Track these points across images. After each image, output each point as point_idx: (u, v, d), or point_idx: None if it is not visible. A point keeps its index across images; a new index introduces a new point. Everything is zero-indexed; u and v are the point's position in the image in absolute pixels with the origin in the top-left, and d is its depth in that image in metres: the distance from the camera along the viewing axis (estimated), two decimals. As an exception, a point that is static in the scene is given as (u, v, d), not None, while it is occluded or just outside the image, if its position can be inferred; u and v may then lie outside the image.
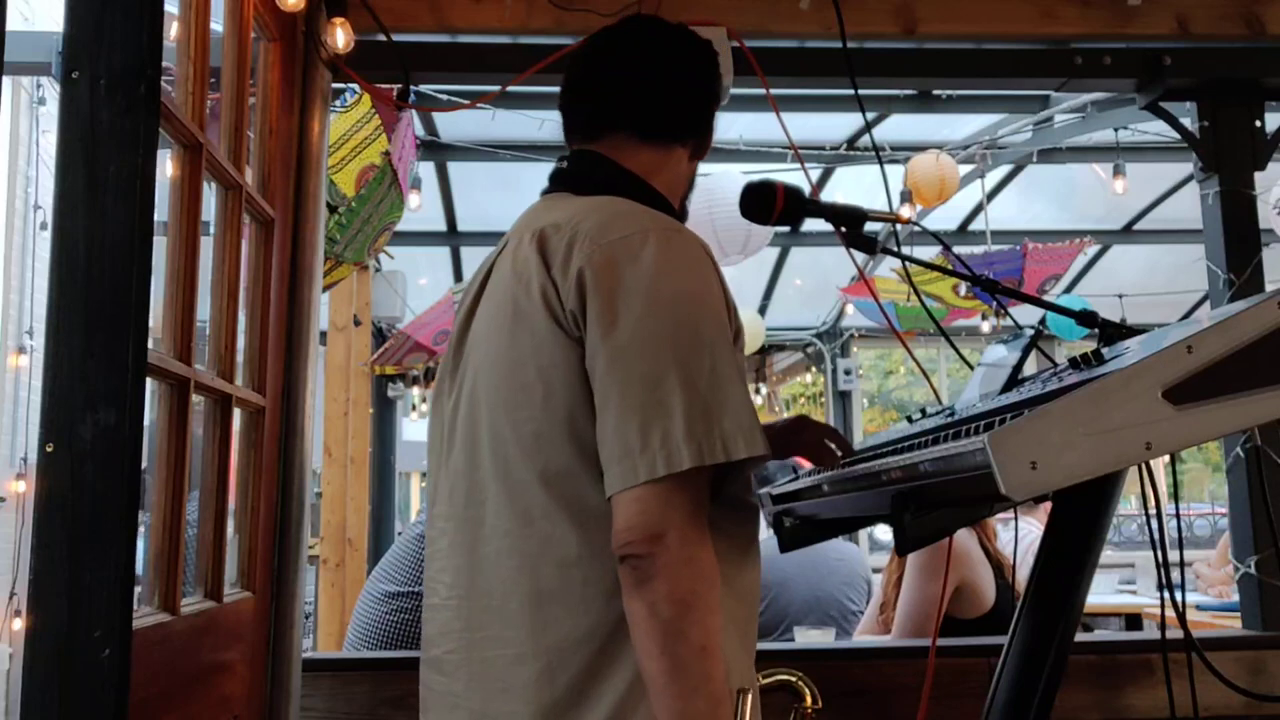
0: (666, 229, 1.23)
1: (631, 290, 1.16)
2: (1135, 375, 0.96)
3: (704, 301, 1.18)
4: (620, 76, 1.41)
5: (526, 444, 1.20)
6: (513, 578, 1.20)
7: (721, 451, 1.11)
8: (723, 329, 1.18)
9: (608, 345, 1.15)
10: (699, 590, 1.09)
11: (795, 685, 1.67)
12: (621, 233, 1.20)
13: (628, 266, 1.17)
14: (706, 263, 1.23)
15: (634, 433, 1.11)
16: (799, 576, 3.07)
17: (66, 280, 1.12)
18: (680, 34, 1.47)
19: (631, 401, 1.12)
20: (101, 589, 1.08)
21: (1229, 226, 2.45)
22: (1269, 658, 2.23)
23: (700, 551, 1.10)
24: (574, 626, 1.16)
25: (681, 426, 1.10)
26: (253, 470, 1.86)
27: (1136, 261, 7.28)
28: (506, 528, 1.21)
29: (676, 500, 1.10)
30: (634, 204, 1.28)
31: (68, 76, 1.14)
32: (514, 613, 1.19)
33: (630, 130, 1.38)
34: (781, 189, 1.51)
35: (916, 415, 1.60)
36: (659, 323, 1.14)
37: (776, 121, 2.36)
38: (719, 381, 1.13)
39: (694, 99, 1.44)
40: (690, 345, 1.14)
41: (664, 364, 1.12)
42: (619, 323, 1.15)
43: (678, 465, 1.09)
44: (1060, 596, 1.41)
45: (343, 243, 2.86)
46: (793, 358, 9.80)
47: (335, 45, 2.12)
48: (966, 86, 3.99)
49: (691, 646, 1.07)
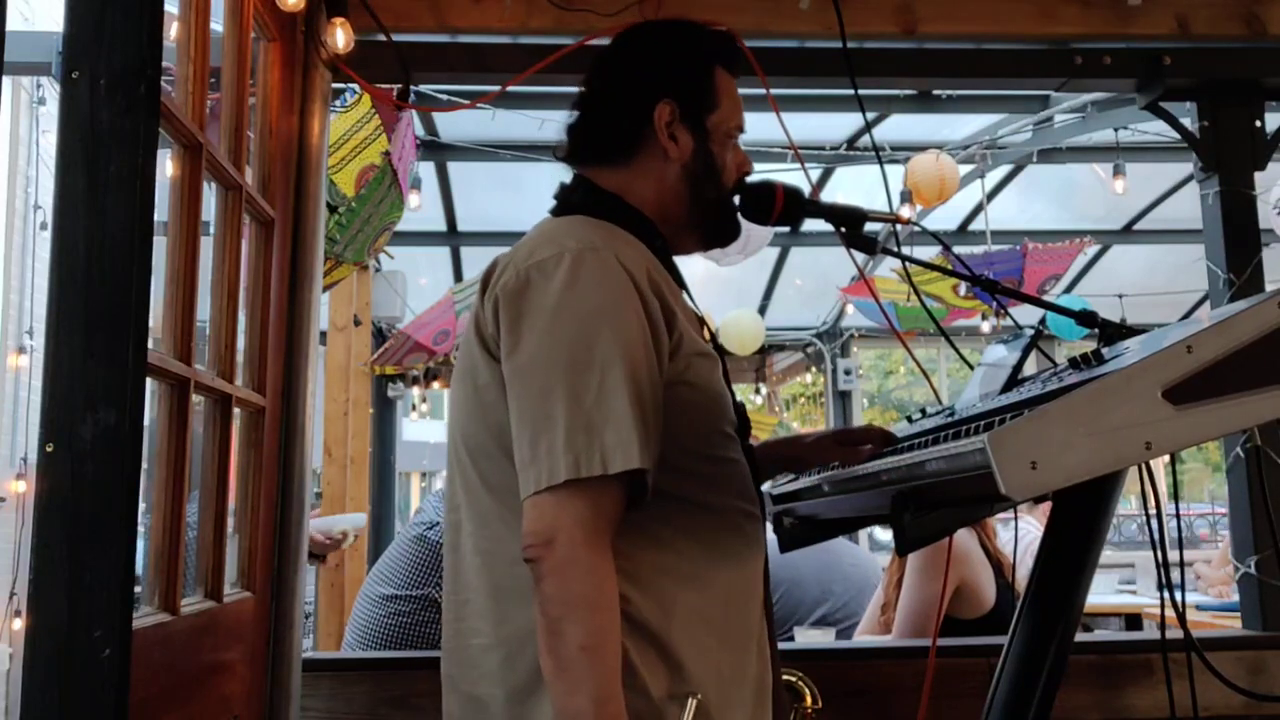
0: (586, 249, 1.26)
1: (534, 311, 1.23)
2: (1135, 375, 0.96)
3: (604, 319, 1.22)
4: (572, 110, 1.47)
5: (475, 455, 1.32)
6: (478, 574, 1.31)
7: (599, 464, 1.16)
8: (623, 346, 1.21)
9: (510, 364, 1.24)
10: (583, 592, 1.14)
11: (795, 685, 1.67)
12: (540, 256, 1.26)
13: (537, 289, 1.24)
14: (620, 281, 1.25)
15: (526, 445, 1.19)
16: (812, 578, 3.08)
17: (66, 280, 1.12)
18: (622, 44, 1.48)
19: (525, 416, 1.21)
20: (101, 589, 1.08)
21: (1229, 226, 2.45)
22: (1269, 658, 2.23)
23: (589, 554, 1.15)
24: (525, 619, 1.22)
25: (562, 440, 1.17)
26: (253, 470, 1.86)
27: (1136, 261, 7.27)
28: (471, 529, 1.32)
29: (568, 506, 1.16)
30: (574, 224, 1.33)
31: (68, 76, 1.14)
32: (481, 606, 1.30)
33: (580, 162, 1.45)
34: (781, 189, 1.51)
35: (916, 415, 1.60)
36: (553, 340, 1.21)
37: (776, 121, 2.36)
38: (605, 397, 1.18)
39: (611, 119, 1.42)
40: (581, 362, 1.19)
41: (554, 379, 1.19)
42: (520, 343, 1.23)
43: (555, 477, 1.16)
44: (1060, 596, 1.41)
45: (343, 243, 2.86)
46: (793, 358, 9.79)
47: (335, 45, 2.12)
48: (966, 86, 3.98)
49: (570, 645, 1.13)
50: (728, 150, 1.44)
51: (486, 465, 1.30)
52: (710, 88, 1.44)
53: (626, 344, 1.21)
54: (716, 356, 1.38)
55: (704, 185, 1.43)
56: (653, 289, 1.27)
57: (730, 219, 1.48)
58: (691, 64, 1.44)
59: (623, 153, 1.41)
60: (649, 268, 1.29)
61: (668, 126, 1.39)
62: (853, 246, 1.52)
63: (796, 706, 1.67)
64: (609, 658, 1.14)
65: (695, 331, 1.35)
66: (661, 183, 1.41)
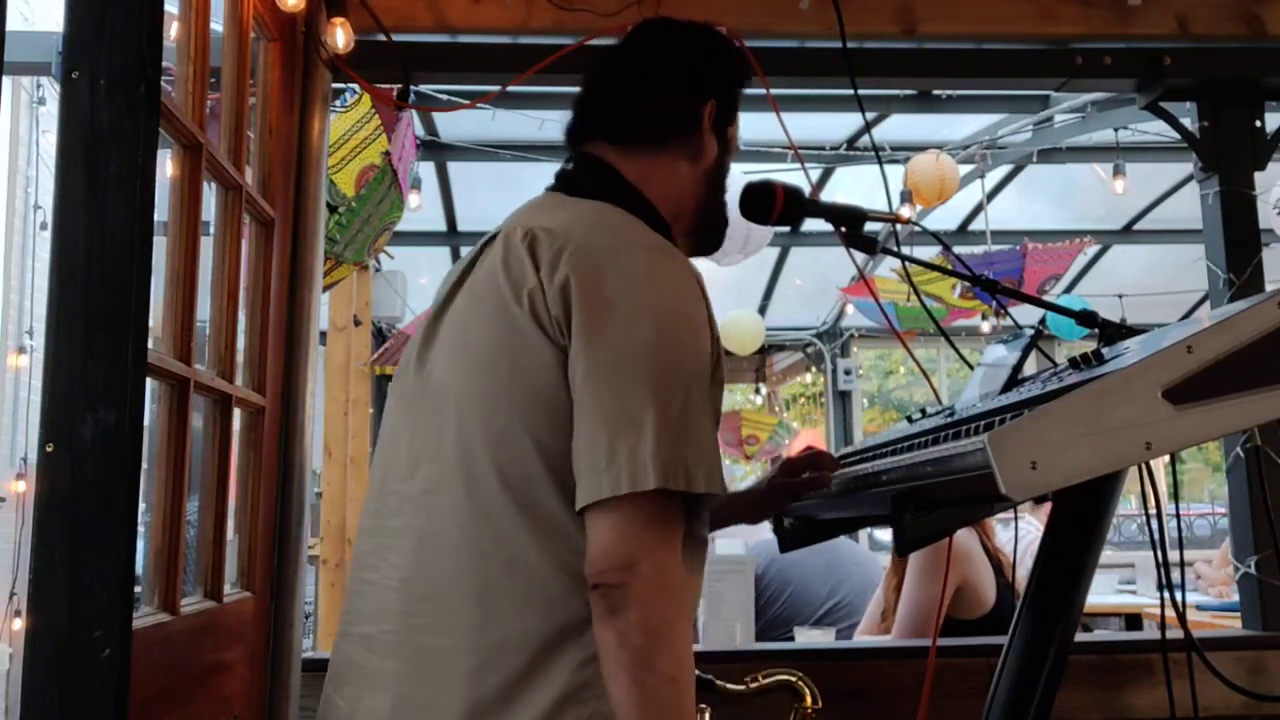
0: (658, 248, 1.23)
1: (618, 305, 1.16)
2: (1135, 375, 0.96)
3: (688, 331, 1.18)
4: (596, 84, 1.43)
5: (491, 440, 1.19)
6: (460, 571, 1.19)
7: (684, 479, 1.10)
8: (702, 363, 1.18)
9: (588, 356, 1.14)
10: (670, 619, 1.09)
11: (795, 685, 1.67)
12: (613, 246, 1.21)
13: (616, 281, 1.17)
14: (696, 292, 1.22)
15: (603, 446, 1.11)
16: (819, 577, 3.09)
17: (66, 280, 1.12)
18: (674, 33, 1.45)
19: (603, 415, 1.12)
20: (101, 589, 1.08)
21: (1229, 226, 2.45)
22: (1269, 658, 2.23)
23: (674, 579, 1.11)
24: (512, 629, 1.16)
25: (650, 445, 1.09)
26: (253, 470, 1.86)
27: (1136, 261, 7.28)
28: (461, 520, 1.20)
29: (652, 529, 1.10)
30: (625, 215, 1.28)
31: (68, 76, 1.14)
32: (457, 606, 1.18)
33: (603, 138, 1.39)
34: (781, 189, 1.51)
35: (916, 415, 1.60)
36: (640, 341, 1.14)
37: (776, 121, 2.36)
38: (690, 413, 1.13)
39: (661, 101, 1.39)
40: (668, 371, 1.14)
41: (640, 383, 1.12)
42: (601, 335, 1.15)
43: (643, 483, 1.08)
44: (1060, 596, 1.41)
45: (343, 243, 2.86)
46: (793, 358, 9.80)
47: (335, 45, 2.12)
48: (966, 86, 3.98)
49: (661, 676, 1.08)
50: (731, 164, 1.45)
51: (507, 456, 1.18)
52: (737, 103, 1.45)
53: (702, 361, 1.18)
54: None
55: (714, 193, 1.42)
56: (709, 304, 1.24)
57: (722, 232, 1.47)
58: (735, 74, 1.45)
59: (658, 139, 1.38)
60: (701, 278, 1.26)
61: (710, 127, 1.39)
62: (853, 246, 1.53)
63: (796, 706, 1.67)
64: (691, 687, 1.11)
65: None
66: (681, 181, 1.39)
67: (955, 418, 1.32)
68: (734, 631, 2.41)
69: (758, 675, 1.66)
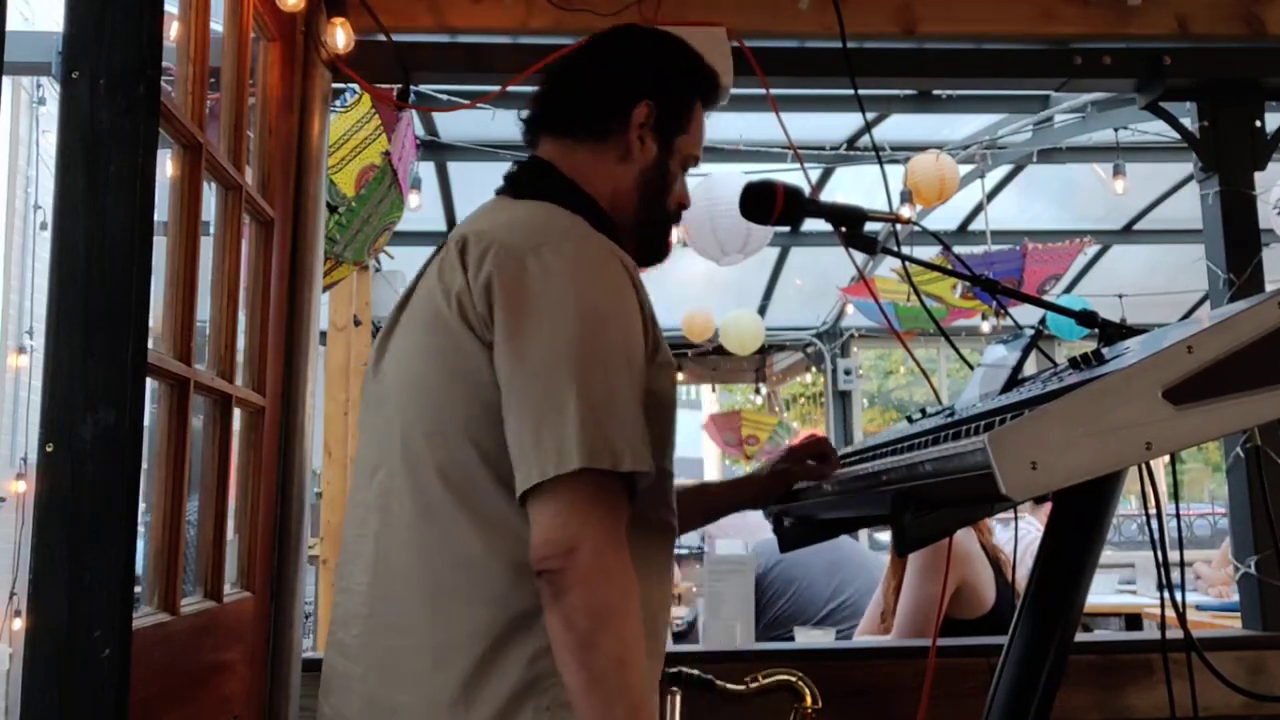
0: (583, 238, 1.25)
1: (538, 296, 1.18)
2: (1135, 375, 0.96)
3: (612, 317, 1.20)
4: (547, 82, 1.46)
5: (431, 441, 1.23)
6: (413, 570, 1.22)
7: (610, 458, 1.12)
8: (629, 348, 1.19)
9: (510, 348, 1.17)
10: (613, 602, 1.11)
11: (795, 685, 1.67)
12: (536, 240, 1.22)
13: (537, 273, 1.19)
14: (620, 275, 1.23)
15: (529, 433, 1.13)
16: (823, 577, 3.10)
17: (66, 280, 1.12)
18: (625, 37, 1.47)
19: (528, 404, 1.15)
20: (101, 589, 1.08)
21: (1229, 226, 2.45)
22: (1269, 658, 2.23)
23: (615, 562, 1.12)
24: (463, 625, 1.18)
25: (574, 427, 1.11)
26: (253, 470, 1.86)
27: (1136, 261, 7.27)
28: (409, 521, 1.23)
29: (592, 513, 1.11)
30: (557, 211, 1.30)
31: (68, 76, 1.14)
32: (413, 605, 1.21)
33: (544, 131, 1.43)
34: (781, 189, 1.51)
35: (916, 415, 1.60)
36: (560, 329, 1.16)
37: (776, 121, 2.36)
38: (615, 395, 1.15)
39: (592, 97, 1.41)
40: (590, 356, 1.16)
41: (562, 369, 1.14)
42: (522, 327, 1.17)
43: (568, 464, 1.10)
44: (1060, 596, 1.41)
45: (343, 243, 2.86)
46: (793, 358, 9.79)
47: (335, 45, 2.12)
48: (966, 86, 3.98)
49: (608, 658, 1.09)
50: (680, 176, 1.45)
51: (446, 455, 1.22)
52: (688, 112, 1.44)
53: (628, 343, 1.20)
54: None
55: (653, 198, 1.42)
56: (640, 287, 1.26)
57: (664, 242, 1.47)
58: (681, 82, 1.45)
59: (590, 133, 1.40)
60: (633, 264, 1.28)
61: (640, 127, 1.39)
62: (853, 246, 1.52)
63: (796, 706, 1.67)
64: (642, 667, 1.12)
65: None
66: (616, 180, 1.40)
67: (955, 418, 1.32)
68: (734, 631, 2.41)
69: (758, 675, 1.67)
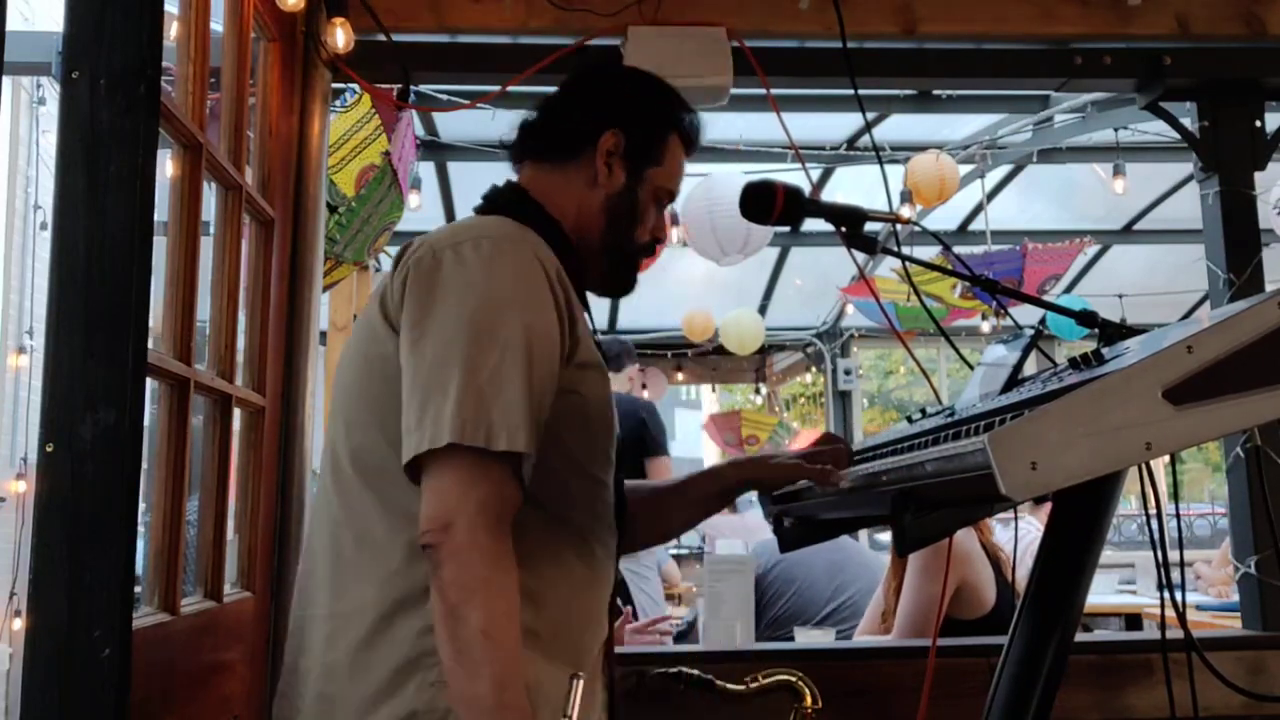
0: (505, 238, 1.28)
1: (445, 288, 1.23)
2: (1135, 375, 0.96)
3: (513, 305, 1.23)
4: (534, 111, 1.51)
5: (350, 427, 1.31)
6: (324, 544, 1.31)
7: (484, 437, 1.15)
8: (528, 335, 1.21)
9: (410, 334, 1.23)
10: (484, 576, 1.14)
11: (795, 685, 1.67)
12: (458, 238, 1.27)
13: (451, 268, 1.24)
14: (535, 273, 1.26)
15: (414, 410, 1.18)
16: (824, 577, 3.10)
17: (66, 280, 1.12)
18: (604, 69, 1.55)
19: (418, 383, 1.19)
20: (101, 589, 1.08)
21: (1229, 226, 2.45)
22: (1269, 658, 2.23)
23: (488, 539, 1.15)
24: (356, 597, 1.24)
25: (452, 406, 1.15)
26: (253, 470, 1.86)
27: (1136, 261, 7.27)
28: (330, 501, 1.31)
29: (470, 491, 1.15)
30: (505, 220, 1.35)
31: (68, 76, 1.14)
32: (322, 577, 1.29)
33: (522, 156, 1.49)
34: (781, 189, 1.51)
35: (916, 415, 1.60)
36: (458, 317, 1.21)
37: (776, 121, 2.36)
38: (503, 379, 1.18)
39: (561, 122, 1.47)
40: (484, 340, 1.19)
41: (453, 353, 1.19)
42: (425, 318, 1.22)
43: (438, 440, 1.14)
44: (1060, 596, 1.41)
45: (343, 243, 2.85)
46: (793, 358, 9.79)
47: (335, 45, 2.12)
48: (966, 86, 3.98)
49: (471, 630, 1.12)
50: (651, 207, 1.47)
51: (360, 438, 1.29)
52: (660, 145, 1.47)
53: (530, 332, 1.22)
54: (609, 377, 1.39)
55: (620, 226, 1.45)
56: (562, 287, 1.29)
57: (629, 273, 1.50)
58: (655, 115, 1.47)
59: (560, 158, 1.45)
60: (559, 269, 1.31)
61: (608, 154, 1.43)
62: (853, 246, 1.52)
63: (796, 706, 1.67)
64: (510, 642, 1.14)
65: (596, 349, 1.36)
66: (582, 205, 1.43)
67: (955, 418, 1.32)
68: (734, 631, 2.41)
69: (758, 675, 1.67)
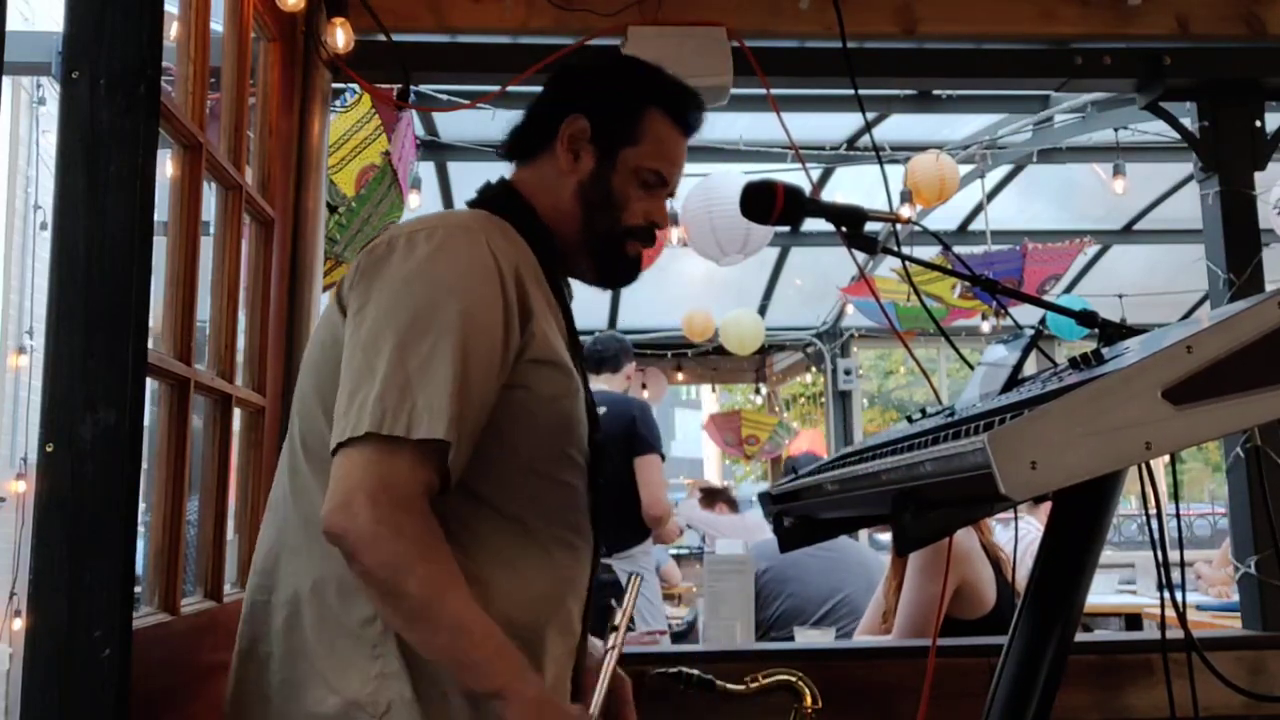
0: (460, 228, 1.27)
1: (390, 273, 1.22)
2: (1135, 375, 0.96)
3: (456, 293, 1.20)
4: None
5: (300, 411, 1.31)
6: (272, 528, 1.31)
7: (404, 426, 1.12)
8: (467, 323, 1.18)
9: (352, 321, 1.22)
10: (405, 553, 1.11)
11: (795, 685, 1.67)
12: (414, 228, 1.26)
13: (399, 255, 1.23)
14: (481, 266, 1.23)
15: (345, 397, 1.16)
16: (819, 577, 3.10)
17: (66, 280, 1.12)
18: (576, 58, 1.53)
19: (351, 369, 1.18)
20: (101, 589, 1.08)
21: (1229, 226, 2.45)
22: (1269, 658, 2.23)
23: (393, 513, 1.11)
24: (300, 580, 1.23)
25: (376, 393, 1.13)
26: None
27: (1136, 261, 7.27)
28: (282, 482, 1.32)
29: (372, 470, 1.12)
30: (475, 212, 1.35)
31: (68, 76, 1.14)
32: (267, 557, 1.29)
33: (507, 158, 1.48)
34: (781, 189, 1.51)
35: (916, 415, 1.60)
36: (398, 302, 1.19)
37: (776, 121, 2.36)
38: (433, 366, 1.15)
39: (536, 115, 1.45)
40: (419, 327, 1.17)
41: (387, 338, 1.17)
42: (368, 302, 1.21)
43: (358, 430, 1.12)
44: (1060, 596, 1.40)
45: (343, 243, 2.86)
46: (793, 358, 9.79)
47: (335, 45, 2.12)
48: (966, 86, 3.98)
49: (413, 600, 1.12)
50: (634, 190, 1.41)
51: (308, 423, 1.28)
52: (634, 123, 1.41)
53: (470, 322, 1.18)
54: (576, 376, 1.32)
55: (597, 213, 1.40)
56: (516, 282, 1.25)
57: (620, 261, 1.44)
58: (622, 93, 1.43)
59: (529, 151, 1.44)
60: (519, 263, 1.27)
61: (570, 139, 1.39)
62: (853, 246, 1.52)
63: (796, 707, 1.67)
64: (455, 592, 1.13)
65: (563, 345, 1.31)
66: (556, 194, 1.41)
67: (955, 418, 1.32)
68: (734, 631, 2.41)
69: (758, 675, 1.66)
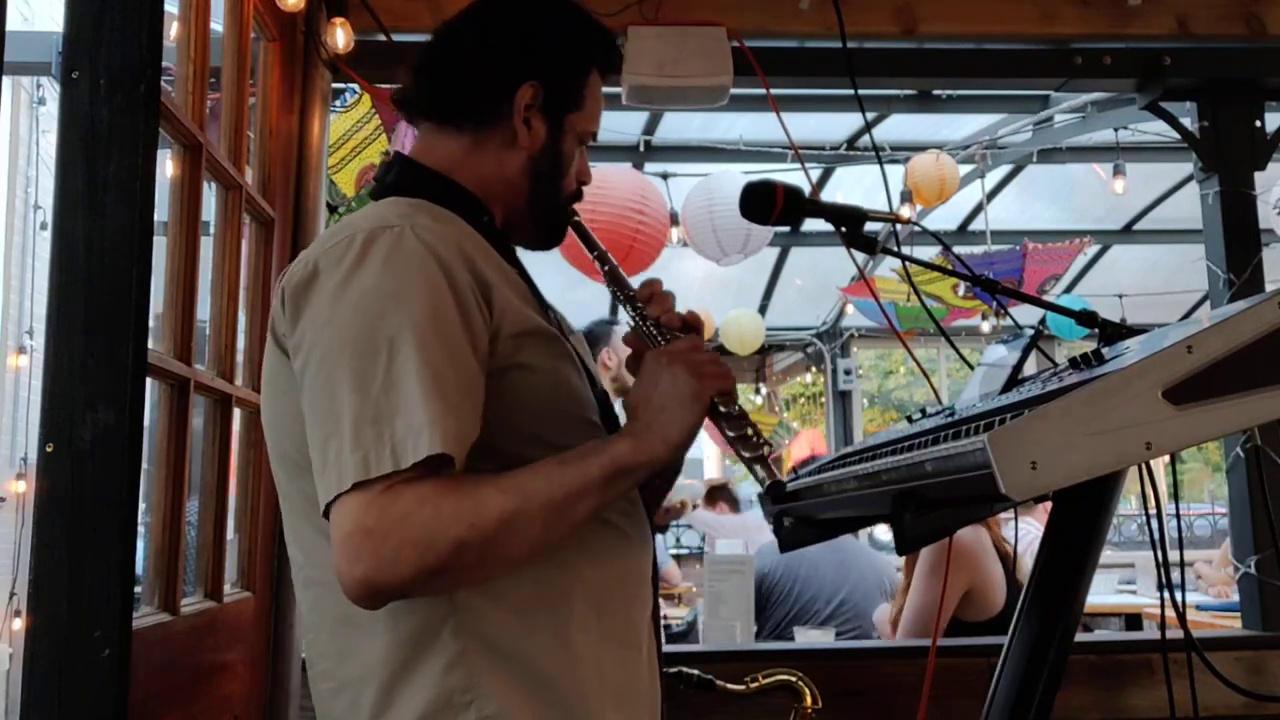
0: (378, 228, 1.12)
1: (317, 301, 1.09)
2: (1135, 375, 0.96)
3: (389, 299, 1.07)
4: (425, 57, 1.32)
5: (285, 474, 1.17)
6: (314, 610, 1.17)
7: (390, 460, 1.00)
8: (413, 324, 1.06)
9: (296, 363, 1.10)
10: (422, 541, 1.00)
11: (795, 685, 1.67)
12: (330, 243, 1.12)
13: (323, 277, 1.10)
14: (413, 257, 1.10)
15: (318, 452, 1.05)
16: (830, 577, 3.11)
17: (66, 280, 1.12)
18: (505, 7, 1.31)
19: (315, 418, 1.06)
20: (101, 589, 1.08)
21: (1229, 226, 2.45)
22: (1269, 658, 2.23)
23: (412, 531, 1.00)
24: (367, 654, 1.11)
25: (349, 438, 1.02)
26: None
27: (1136, 261, 7.28)
28: (298, 559, 1.18)
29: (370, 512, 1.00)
30: (378, 206, 1.20)
31: (68, 76, 1.14)
32: (325, 644, 1.16)
33: (424, 118, 1.31)
34: (781, 189, 1.50)
35: (916, 415, 1.60)
36: (334, 330, 1.07)
37: (776, 121, 2.37)
38: (393, 383, 1.03)
39: (469, 83, 1.27)
40: (364, 349, 1.05)
41: (338, 373, 1.05)
42: (304, 338, 1.09)
43: (344, 483, 1.00)
44: (1060, 596, 1.40)
45: (343, 243, 2.86)
46: (793, 358, 9.80)
47: (335, 45, 2.12)
48: (966, 86, 3.99)
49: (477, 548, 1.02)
50: (575, 154, 1.32)
51: (296, 485, 1.15)
52: (581, 86, 1.31)
53: (417, 322, 1.06)
54: (561, 337, 1.23)
55: (545, 183, 1.30)
56: (466, 262, 1.13)
57: (559, 224, 1.35)
58: (572, 55, 1.31)
59: (468, 121, 1.27)
60: (460, 240, 1.16)
61: (526, 109, 1.26)
62: (853, 246, 1.52)
63: (796, 706, 1.67)
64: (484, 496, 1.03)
65: (535, 311, 1.20)
66: (501, 167, 1.28)
67: (955, 418, 1.32)
68: (734, 631, 2.41)
69: (758, 675, 1.67)
